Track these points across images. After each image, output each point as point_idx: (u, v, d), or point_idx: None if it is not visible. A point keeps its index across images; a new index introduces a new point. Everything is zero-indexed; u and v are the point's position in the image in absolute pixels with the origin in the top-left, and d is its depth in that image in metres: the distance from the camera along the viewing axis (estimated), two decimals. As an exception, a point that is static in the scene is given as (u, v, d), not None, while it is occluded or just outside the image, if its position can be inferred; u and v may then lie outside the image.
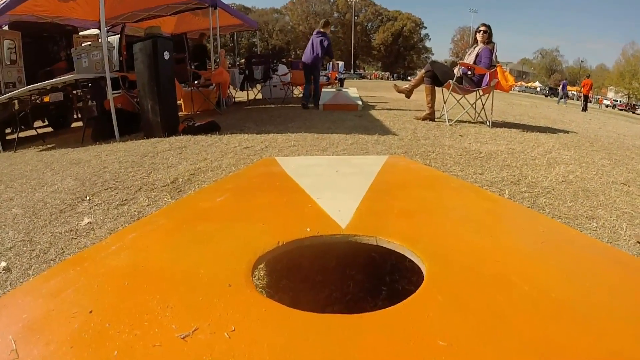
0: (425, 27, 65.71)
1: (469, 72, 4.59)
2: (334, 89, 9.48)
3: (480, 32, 4.60)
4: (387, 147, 3.25)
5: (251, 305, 0.61)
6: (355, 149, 3.20)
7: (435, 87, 4.82)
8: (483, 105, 4.72)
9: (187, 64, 7.33)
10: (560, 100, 18.26)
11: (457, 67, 4.64)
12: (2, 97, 4.75)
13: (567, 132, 4.86)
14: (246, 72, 7.91)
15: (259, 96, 8.68)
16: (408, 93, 5.34)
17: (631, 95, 42.76)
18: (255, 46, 27.51)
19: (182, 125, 4.18)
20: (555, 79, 58.23)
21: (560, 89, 19.14)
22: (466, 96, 4.75)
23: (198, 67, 7.51)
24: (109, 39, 5.54)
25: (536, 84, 52.68)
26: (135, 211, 2.07)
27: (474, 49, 4.69)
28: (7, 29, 5.90)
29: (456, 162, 2.82)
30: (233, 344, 0.52)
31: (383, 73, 56.79)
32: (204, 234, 0.90)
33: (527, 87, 48.77)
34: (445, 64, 5.40)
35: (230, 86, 7.53)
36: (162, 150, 3.29)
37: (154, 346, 0.52)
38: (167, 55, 4.02)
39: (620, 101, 40.05)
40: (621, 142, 4.59)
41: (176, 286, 0.67)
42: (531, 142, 3.71)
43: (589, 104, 16.27)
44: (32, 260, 1.65)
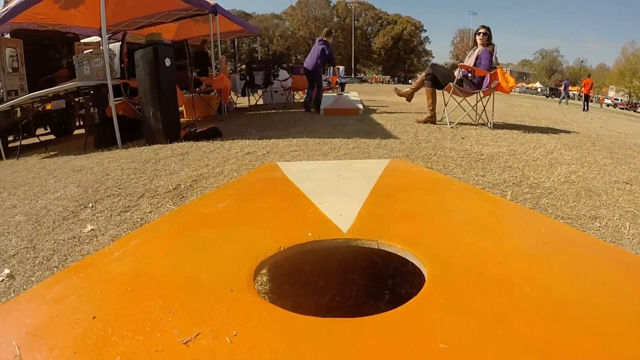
0: (425, 30, 66.09)
1: (470, 75, 4.60)
2: (335, 94, 9.49)
3: (480, 34, 4.62)
4: (389, 150, 3.26)
5: (253, 310, 0.61)
6: (357, 153, 3.20)
7: (436, 90, 4.83)
8: (484, 107, 4.72)
9: (189, 70, 7.36)
10: (562, 101, 18.23)
11: (458, 69, 4.65)
12: (4, 105, 4.78)
13: (568, 132, 4.85)
14: (247, 77, 7.92)
15: (260, 102, 8.69)
16: (409, 96, 5.35)
17: (632, 94, 42.68)
18: (256, 52, 27.61)
19: (184, 131, 4.20)
20: (555, 79, 58.22)
21: (563, 89, 19.12)
22: (467, 98, 4.75)
23: (200, 74, 7.54)
24: (110, 46, 5.57)
25: (537, 84, 52.69)
26: (137, 218, 2.08)
27: (473, 51, 4.70)
28: (9, 36, 5.95)
29: (458, 165, 2.82)
30: (235, 349, 0.52)
31: (384, 77, 56.84)
32: (206, 240, 0.91)
33: (527, 88, 48.76)
34: (446, 67, 5.41)
35: (231, 92, 7.55)
36: (164, 156, 3.31)
37: (157, 351, 0.52)
38: (168, 62, 4.04)
39: (621, 100, 39.99)
40: (623, 141, 4.58)
41: (178, 292, 0.68)
42: (533, 143, 3.71)
43: (590, 104, 16.25)
44: (36, 267, 1.66)
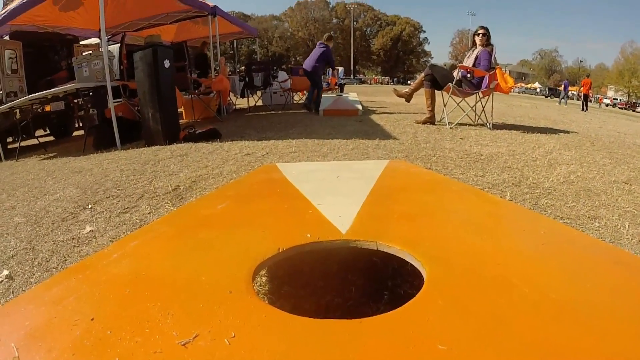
0: (424, 31, 66.07)
1: (469, 75, 4.61)
2: (334, 95, 9.49)
3: (479, 34, 4.63)
4: (388, 151, 3.26)
5: (252, 312, 0.61)
6: (356, 154, 3.20)
7: (435, 91, 4.83)
8: (483, 107, 4.72)
9: (188, 72, 7.37)
10: (562, 101, 18.26)
11: (457, 70, 4.65)
12: (3, 106, 4.78)
13: (567, 132, 4.86)
14: (246, 79, 7.92)
15: (260, 103, 8.70)
16: (408, 97, 5.35)
17: (631, 94, 42.74)
18: (255, 53, 27.68)
19: (183, 132, 4.20)
20: (554, 79, 58.28)
21: (562, 89, 19.14)
22: (466, 99, 4.76)
23: (199, 76, 7.55)
24: (109, 48, 5.58)
25: (536, 84, 52.76)
26: (137, 219, 2.08)
27: (472, 51, 4.71)
28: (8, 38, 5.95)
29: (457, 165, 2.82)
30: (233, 351, 0.52)
31: (383, 78, 56.89)
32: (205, 241, 0.91)
33: (526, 88, 48.85)
34: (445, 67, 5.41)
35: (230, 93, 7.55)
36: (163, 158, 3.31)
37: (155, 353, 0.52)
38: (167, 64, 4.04)
39: (620, 100, 40.02)
40: (622, 140, 4.58)
41: (177, 293, 0.68)
42: (532, 143, 3.71)
43: (589, 104, 16.26)
44: (35, 268, 1.66)
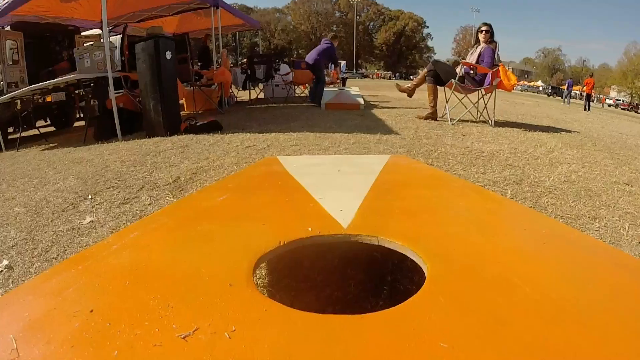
0: (428, 27, 65.54)
1: (471, 72, 4.58)
2: (336, 88, 9.45)
3: (482, 31, 4.59)
4: (389, 146, 3.25)
5: (252, 305, 0.61)
6: (358, 148, 3.19)
7: (438, 87, 4.81)
8: (485, 104, 4.70)
9: (190, 63, 7.33)
10: (565, 99, 18.19)
11: (460, 66, 4.63)
12: (4, 97, 4.76)
13: (569, 131, 4.84)
14: (248, 71, 7.89)
15: (261, 95, 8.66)
16: (410, 92, 5.33)
17: (634, 95, 42.55)
18: (258, 46, 27.44)
19: (184, 124, 4.19)
20: (557, 78, 58.05)
21: (566, 87, 19.06)
22: (468, 95, 4.73)
23: (202, 68, 7.52)
24: (111, 39, 5.55)
25: (539, 83, 52.51)
26: (137, 210, 2.08)
27: (476, 48, 4.68)
28: (10, 29, 5.91)
29: (458, 162, 2.82)
30: (233, 344, 0.52)
31: (385, 72, 56.57)
32: (205, 234, 0.90)
33: (529, 86, 48.59)
34: (448, 64, 5.39)
35: (232, 86, 7.52)
36: (164, 149, 3.30)
37: (155, 346, 0.51)
38: (169, 55, 4.02)
39: (622, 100, 39.84)
40: (624, 141, 4.57)
41: (177, 286, 0.67)
42: (533, 142, 3.70)
43: (591, 104, 16.21)
44: (34, 258, 1.66)
